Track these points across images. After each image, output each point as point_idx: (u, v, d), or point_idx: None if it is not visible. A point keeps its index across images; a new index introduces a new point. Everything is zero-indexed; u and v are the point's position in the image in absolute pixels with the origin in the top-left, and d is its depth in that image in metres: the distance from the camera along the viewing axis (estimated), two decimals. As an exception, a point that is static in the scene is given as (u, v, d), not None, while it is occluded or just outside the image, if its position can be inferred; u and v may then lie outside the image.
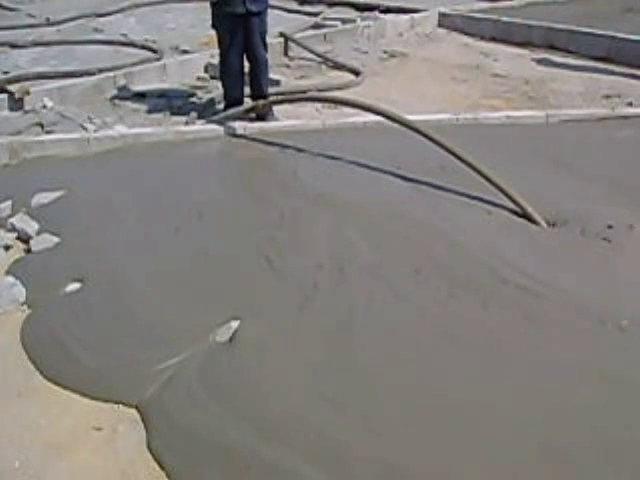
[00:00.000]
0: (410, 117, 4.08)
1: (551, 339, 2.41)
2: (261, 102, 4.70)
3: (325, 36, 7.11)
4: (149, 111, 5.07)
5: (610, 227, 3.13)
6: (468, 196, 3.47)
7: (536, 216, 3.24)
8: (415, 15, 7.87)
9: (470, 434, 1.99)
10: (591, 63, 6.23)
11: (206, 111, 4.97)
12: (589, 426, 2.03)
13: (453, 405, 2.11)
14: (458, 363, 2.29)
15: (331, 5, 9.05)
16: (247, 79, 4.75)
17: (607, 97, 5.26)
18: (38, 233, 3.21)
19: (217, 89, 5.03)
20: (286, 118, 4.83)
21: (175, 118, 4.91)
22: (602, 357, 2.32)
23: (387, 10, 8.36)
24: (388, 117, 4.04)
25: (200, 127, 4.62)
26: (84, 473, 1.93)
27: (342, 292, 2.70)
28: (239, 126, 4.59)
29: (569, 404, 2.11)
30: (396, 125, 4.01)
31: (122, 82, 5.50)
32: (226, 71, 4.69)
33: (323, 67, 6.28)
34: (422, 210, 3.38)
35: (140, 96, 5.34)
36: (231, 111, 4.70)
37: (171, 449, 1.99)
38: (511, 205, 3.33)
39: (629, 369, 2.26)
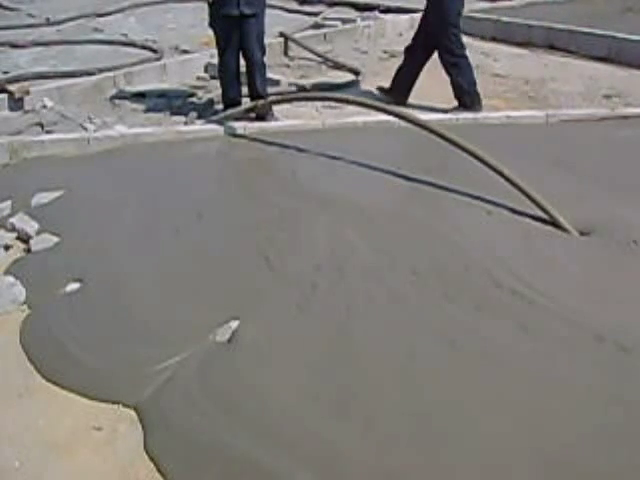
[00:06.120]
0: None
1: (541, 349, 2.36)
2: (261, 102, 4.70)
3: (325, 36, 7.11)
4: (149, 111, 5.07)
5: (614, 233, 3.08)
6: (468, 196, 3.47)
7: (566, 225, 3.13)
8: (415, 15, 7.81)
9: (467, 438, 1.99)
10: (591, 63, 6.23)
11: (206, 111, 4.97)
12: (586, 427, 2.03)
13: (451, 408, 2.10)
14: (453, 366, 2.28)
15: (331, 5, 9.05)
16: (245, 79, 4.76)
17: (607, 97, 5.26)
18: (38, 233, 3.21)
19: (217, 89, 5.03)
20: (286, 118, 4.83)
21: (175, 118, 4.91)
22: (598, 371, 2.26)
23: (387, 10, 8.36)
24: (386, 112, 4.03)
25: (200, 127, 4.62)
26: (84, 473, 1.93)
27: (341, 293, 2.70)
28: (239, 126, 4.58)
29: (561, 407, 2.11)
30: (396, 125, 4.01)
31: (122, 82, 5.50)
32: (223, 71, 4.70)
33: (323, 67, 6.27)
34: (422, 210, 3.38)
35: (140, 96, 5.34)
36: (231, 111, 4.70)
37: (168, 451, 1.98)
38: (510, 206, 3.33)
39: (626, 384, 2.21)
